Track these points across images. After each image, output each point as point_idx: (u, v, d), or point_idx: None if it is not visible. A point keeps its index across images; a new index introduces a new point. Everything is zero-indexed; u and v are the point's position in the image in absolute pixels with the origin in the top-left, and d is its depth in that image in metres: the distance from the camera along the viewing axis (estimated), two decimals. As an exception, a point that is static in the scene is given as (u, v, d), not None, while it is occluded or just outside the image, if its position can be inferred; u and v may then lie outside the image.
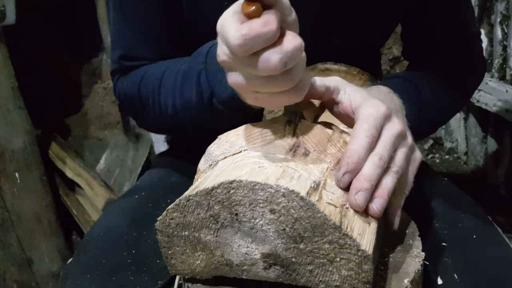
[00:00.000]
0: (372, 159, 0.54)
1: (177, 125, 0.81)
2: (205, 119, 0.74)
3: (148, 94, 0.80)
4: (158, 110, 0.79)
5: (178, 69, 0.76)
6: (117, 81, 0.90)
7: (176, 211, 0.52)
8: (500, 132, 1.87)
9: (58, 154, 1.81)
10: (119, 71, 0.89)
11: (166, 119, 0.80)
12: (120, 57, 0.87)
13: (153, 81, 0.80)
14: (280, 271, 0.52)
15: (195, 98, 0.72)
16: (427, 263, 0.64)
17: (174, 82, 0.76)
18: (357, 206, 0.52)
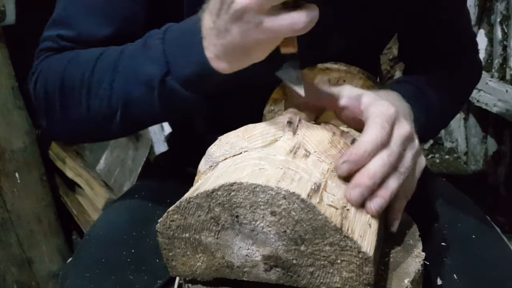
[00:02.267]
0: (381, 156, 0.54)
1: (104, 115, 0.69)
2: (147, 101, 0.66)
3: (78, 71, 0.69)
4: (86, 88, 0.68)
5: (122, 48, 0.69)
6: (42, 61, 0.75)
7: (176, 213, 0.52)
8: (500, 132, 1.87)
9: (58, 154, 1.81)
10: (51, 49, 0.75)
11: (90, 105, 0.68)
12: (60, 36, 0.74)
13: (86, 60, 0.69)
14: (281, 273, 0.52)
15: (144, 76, 0.65)
16: (427, 263, 0.64)
17: (116, 58, 0.68)
18: (352, 201, 0.51)
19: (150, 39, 0.65)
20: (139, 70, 0.65)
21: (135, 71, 0.65)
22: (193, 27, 0.61)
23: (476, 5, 1.84)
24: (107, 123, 0.70)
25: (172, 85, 0.63)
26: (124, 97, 0.67)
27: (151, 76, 0.64)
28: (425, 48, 0.90)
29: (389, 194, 0.53)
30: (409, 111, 0.71)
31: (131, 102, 0.67)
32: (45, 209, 1.64)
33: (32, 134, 1.61)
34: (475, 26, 1.88)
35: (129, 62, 0.66)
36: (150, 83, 0.64)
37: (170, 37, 0.64)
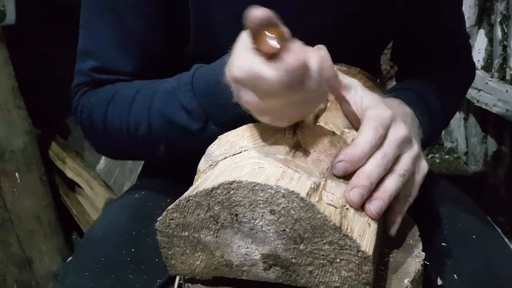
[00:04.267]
0: (375, 157, 0.54)
1: (146, 147, 0.75)
2: (186, 142, 0.71)
3: (116, 113, 0.74)
4: (126, 129, 0.73)
5: (155, 88, 0.72)
6: (82, 95, 0.79)
7: (176, 211, 0.52)
8: (500, 132, 1.87)
9: (58, 154, 1.81)
10: (87, 84, 0.79)
11: (132, 140, 0.74)
12: (92, 69, 0.78)
13: (124, 99, 0.74)
14: (280, 272, 0.52)
15: (180, 124, 0.69)
16: (427, 263, 0.64)
17: (149, 99, 0.72)
18: (352, 202, 0.51)
19: (179, 86, 0.69)
20: (174, 118, 0.69)
21: (170, 118, 0.69)
22: (219, 76, 0.62)
23: (476, 5, 1.84)
24: (150, 155, 0.78)
25: (212, 130, 0.67)
26: (164, 139, 0.72)
27: (188, 126, 0.69)
28: (420, 50, 0.91)
29: (387, 196, 0.53)
30: (412, 116, 0.71)
31: (171, 143, 0.72)
32: (45, 209, 1.64)
33: (32, 134, 1.61)
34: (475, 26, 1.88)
35: (162, 107, 0.70)
36: (187, 130, 0.69)
37: (201, 86, 0.66)
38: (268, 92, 0.49)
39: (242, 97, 0.52)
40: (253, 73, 0.48)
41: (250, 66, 0.48)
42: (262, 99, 0.50)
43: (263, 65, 0.47)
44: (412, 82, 0.84)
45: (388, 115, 0.56)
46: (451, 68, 0.90)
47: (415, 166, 0.57)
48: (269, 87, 0.47)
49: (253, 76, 0.48)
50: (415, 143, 0.58)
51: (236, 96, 0.54)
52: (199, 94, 0.66)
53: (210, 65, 0.67)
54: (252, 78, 0.48)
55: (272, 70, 0.47)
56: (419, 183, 0.58)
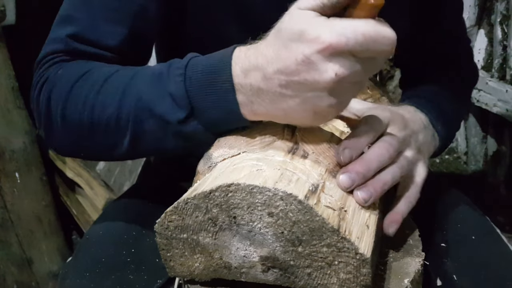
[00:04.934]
0: (378, 145, 0.54)
1: (107, 137, 0.64)
2: (159, 136, 0.62)
3: (83, 90, 0.64)
4: (89, 110, 0.63)
5: (135, 71, 0.64)
6: (50, 66, 0.68)
7: (174, 213, 0.52)
8: (500, 132, 1.87)
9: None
10: (59, 52, 0.68)
11: (93, 126, 0.63)
12: (70, 35, 0.67)
13: (98, 76, 0.64)
14: (278, 274, 0.52)
15: (159, 111, 0.59)
16: (427, 263, 0.64)
17: (126, 82, 0.62)
18: (339, 186, 0.52)
19: (169, 70, 0.60)
20: (154, 105, 0.60)
21: (149, 104, 0.60)
22: (220, 68, 0.56)
23: (476, 5, 1.84)
24: (109, 149, 0.66)
25: (194, 126, 0.59)
26: (132, 130, 0.62)
27: (168, 114, 0.59)
28: (425, 55, 0.91)
29: (380, 185, 0.53)
30: (427, 124, 0.72)
31: (139, 136, 0.62)
32: (45, 209, 1.64)
33: (32, 134, 1.61)
34: (475, 26, 1.87)
35: (142, 90, 0.61)
36: (165, 120, 0.60)
37: (194, 75, 0.58)
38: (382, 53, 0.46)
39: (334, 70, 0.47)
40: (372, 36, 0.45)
41: (363, 30, 0.45)
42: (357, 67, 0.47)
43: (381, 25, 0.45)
44: (422, 89, 0.84)
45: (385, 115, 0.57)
46: (457, 73, 0.90)
47: (413, 166, 0.57)
48: (389, 46, 0.46)
49: (373, 40, 0.45)
50: (414, 146, 0.58)
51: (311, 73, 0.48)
52: (192, 81, 0.58)
53: (210, 55, 0.59)
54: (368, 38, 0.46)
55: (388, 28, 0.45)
56: (421, 185, 0.58)
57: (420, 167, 0.59)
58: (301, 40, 0.48)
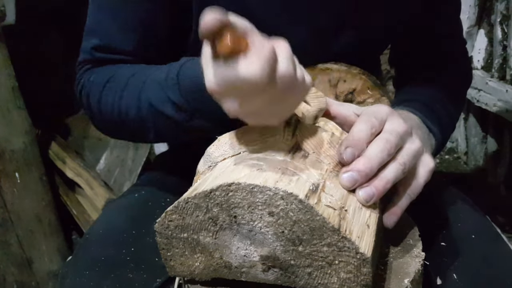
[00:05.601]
0: (376, 142, 0.54)
1: (136, 131, 0.76)
2: (175, 131, 0.72)
3: (110, 96, 0.76)
4: (117, 112, 0.75)
5: (147, 76, 0.73)
6: (84, 73, 0.82)
7: (175, 213, 0.52)
8: (500, 132, 1.87)
9: (58, 154, 1.81)
10: (88, 62, 0.82)
11: (124, 123, 0.76)
12: (93, 47, 0.80)
13: (118, 83, 0.75)
14: (278, 274, 0.52)
15: (168, 113, 0.69)
16: (427, 263, 0.64)
17: (140, 87, 0.73)
18: (342, 185, 0.52)
19: (166, 79, 0.69)
20: (162, 109, 0.69)
21: (158, 108, 0.70)
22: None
23: (476, 5, 1.84)
24: (142, 138, 0.79)
25: (200, 123, 0.68)
26: (153, 126, 0.73)
27: (174, 116, 0.69)
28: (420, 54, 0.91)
29: (382, 184, 0.53)
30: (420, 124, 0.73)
31: (160, 130, 0.73)
32: (45, 209, 1.64)
33: (32, 134, 1.61)
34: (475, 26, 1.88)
35: (150, 97, 0.70)
36: (175, 120, 0.69)
37: (186, 84, 0.66)
38: (250, 91, 0.47)
39: (225, 107, 0.50)
40: (229, 80, 0.46)
41: (223, 75, 0.47)
42: (245, 103, 0.49)
43: (235, 69, 0.46)
44: (416, 91, 0.85)
45: (383, 110, 0.57)
46: (451, 75, 0.91)
47: (417, 159, 0.57)
48: (251, 85, 0.46)
49: (231, 83, 0.46)
50: (417, 138, 0.58)
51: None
52: (185, 90, 0.66)
53: (197, 59, 0.62)
54: (230, 85, 0.47)
55: (247, 66, 0.45)
56: (423, 178, 0.57)
57: (426, 157, 0.58)
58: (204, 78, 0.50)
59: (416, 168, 0.57)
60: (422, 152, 0.58)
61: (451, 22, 0.92)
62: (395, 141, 0.54)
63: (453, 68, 0.92)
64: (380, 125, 0.56)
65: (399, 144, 0.55)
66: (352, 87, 0.80)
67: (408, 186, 0.57)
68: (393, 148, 0.54)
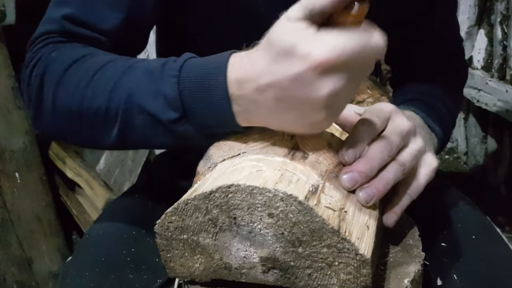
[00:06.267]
0: (376, 143, 0.54)
1: (96, 127, 0.63)
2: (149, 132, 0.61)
3: (76, 76, 0.63)
4: (79, 98, 0.62)
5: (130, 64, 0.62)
6: (44, 47, 0.67)
7: (174, 214, 0.52)
8: (500, 132, 1.87)
9: (58, 154, 1.81)
10: (53, 33, 0.67)
11: (82, 114, 0.62)
12: (66, 16, 0.67)
13: (92, 64, 0.63)
14: (278, 275, 0.52)
15: (152, 108, 0.58)
16: (427, 263, 0.64)
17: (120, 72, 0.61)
18: (343, 186, 0.52)
19: (163, 70, 0.58)
20: (145, 102, 0.59)
21: (139, 101, 0.59)
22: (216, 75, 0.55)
23: (476, 5, 1.84)
24: (98, 138, 0.65)
25: (185, 128, 0.58)
26: (122, 121, 0.61)
27: (159, 113, 0.58)
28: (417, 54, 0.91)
29: (383, 184, 0.52)
30: (422, 121, 0.73)
31: (128, 130, 0.61)
32: (45, 209, 1.65)
33: (32, 134, 1.61)
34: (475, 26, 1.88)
35: (133, 86, 0.60)
36: (156, 118, 0.58)
37: (188, 78, 0.57)
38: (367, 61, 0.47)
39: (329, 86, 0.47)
40: (359, 44, 0.45)
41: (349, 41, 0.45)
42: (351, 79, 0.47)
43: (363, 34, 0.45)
44: (416, 90, 0.85)
45: (387, 109, 0.56)
46: (449, 71, 0.91)
47: (418, 159, 0.57)
48: (378, 53, 0.46)
49: (360, 47, 0.45)
50: (420, 137, 0.58)
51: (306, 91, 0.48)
52: (186, 85, 0.57)
53: (206, 58, 0.58)
54: (358, 51, 0.45)
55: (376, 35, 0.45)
56: (425, 178, 0.57)
57: (428, 156, 0.58)
58: (292, 56, 0.47)
59: (417, 168, 0.57)
60: (425, 152, 0.58)
61: (448, 21, 0.92)
62: (397, 141, 0.54)
63: (451, 66, 0.92)
64: (382, 124, 0.55)
65: (401, 144, 0.55)
66: (352, 87, 0.80)
67: (408, 186, 0.57)
68: (394, 149, 0.54)
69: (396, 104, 0.80)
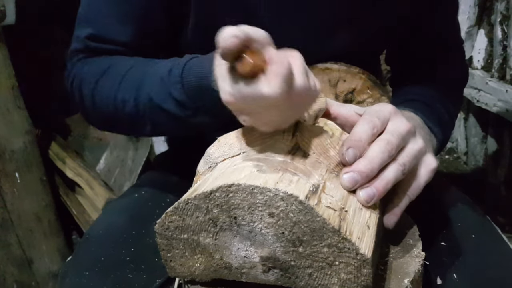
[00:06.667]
0: (377, 143, 0.54)
1: (132, 124, 0.75)
2: (174, 126, 0.71)
3: (106, 87, 0.74)
4: (112, 104, 0.73)
5: (146, 69, 0.72)
6: (76, 63, 0.80)
7: (175, 214, 0.52)
8: (500, 132, 1.87)
9: (58, 154, 1.81)
10: (81, 51, 0.80)
11: (119, 116, 0.74)
12: (87, 36, 0.78)
13: (116, 74, 0.74)
14: (279, 274, 0.52)
15: (170, 108, 0.69)
16: (427, 263, 0.64)
17: (139, 79, 0.71)
18: (343, 186, 0.53)
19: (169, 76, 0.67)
20: (162, 104, 0.69)
21: (158, 103, 0.69)
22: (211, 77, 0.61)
23: (476, 5, 1.84)
24: (137, 132, 0.78)
25: (202, 119, 0.68)
26: (150, 120, 0.72)
27: (176, 112, 0.68)
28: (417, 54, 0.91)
29: (383, 184, 0.53)
30: (422, 122, 0.74)
31: (157, 124, 0.72)
32: (45, 209, 1.64)
33: (32, 134, 1.61)
34: (475, 26, 1.88)
35: (151, 92, 0.69)
36: (176, 116, 0.68)
37: (190, 82, 0.65)
38: (267, 106, 0.49)
39: (239, 119, 0.53)
40: (249, 97, 0.48)
41: (242, 92, 0.48)
42: (259, 115, 0.51)
43: (255, 87, 0.47)
44: (416, 91, 0.85)
45: (387, 109, 0.56)
46: (449, 72, 0.91)
47: (418, 159, 0.57)
48: (270, 102, 0.47)
49: (250, 99, 0.48)
50: (420, 138, 0.58)
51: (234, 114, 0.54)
52: (188, 88, 0.66)
53: (202, 58, 0.66)
54: (249, 101, 0.48)
55: (268, 85, 0.46)
56: (424, 179, 0.58)
57: (428, 157, 0.58)
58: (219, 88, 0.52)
59: (417, 169, 0.57)
60: (425, 152, 0.58)
61: (449, 21, 0.92)
62: (397, 142, 0.54)
63: (452, 67, 0.92)
64: (382, 125, 0.56)
65: (401, 145, 0.55)
66: (352, 87, 0.80)
67: (408, 186, 0.57)
68: (394, 149, 0.54)
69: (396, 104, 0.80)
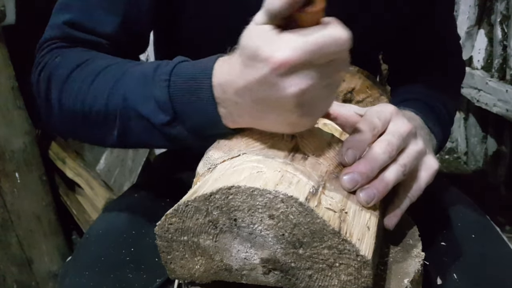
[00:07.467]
0: (378, 144, 0.54)
1: (97, 129, 0.67)
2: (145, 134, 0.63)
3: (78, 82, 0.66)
4: (81, 102, 0.65)
5: (126, 68, 0.65)
6: (49, 52, 0.71)
7: (174, 216, 0.52)
8: (500, 132, 1.87)
9: (58, 154, 1.81)
10: (56, 39, 0.71)
11: (85, 116, 0.66)
12: (66, 21, 0.70)
13: (93, 69, 0.66)
14: (279, 276, 0.52)
15: (145, 111, 0.61)
16: (427, 263, 0.64)
17: (116, 78, 0.64)
18: (343, 187, 0.52)
19: (155, 74, 0.61)
20: (138, 106, 0.61)
21: (134, 105, 0.62)
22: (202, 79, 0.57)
23: (476, 5, 1.84)
24: (101, 138, 0.68)
25: (178, 130, 0.61)
26: (120, 124, 0.64)
27: (152, 117, 0.61)
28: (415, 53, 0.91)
29: (383, 185, 0.53)
30: (421, 122, 0.73)
31: (126, 130, 0.64)
32: (45, 209, 1.64)
33: (32, 134, 1.61)
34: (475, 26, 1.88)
35: (129, 90, 0.62)
36: (149, 121, 0.61)
37: (178, 82, 0.59)
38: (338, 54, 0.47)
39: (294, 85, 0.47)
40: (321, 43, 0.46)
41: (310, 41, 0.46)
42: (318, 75, 0.47)
43: (325, 30, 0.46)
44: (415, 90, 0.85)
45: (388, 110, 0.56)
46: (447, 70, 0.91)
47: (418, 161, 0.57)
48: (342, 47, 0.46)
49: (323, 45, 0.46)
50: (420, 139, 0.58)
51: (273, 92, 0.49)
52: (176, 88, 0.59)
53: (195, 62, 0.60)
54: (321, 50, 0.46)
55: (338, 28, 0.46)
56: (425, 180, 0.58)
57: (429, 159, 0.58)
58: (257, 59, 0.48)
59: (417, 170, 0.57)
60: (425, 153, 0.58)
61: (446, 20, 0.92)
62: (397, 143, 0.54)
63: (449, 65, 0.92)
64: (383, 125, 0.56)
65: (401, 146, 0.55)
66: (351, 86, 0.80)
67: (409, 188, 0.57)
68: (395, 150, 0.54)
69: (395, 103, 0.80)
